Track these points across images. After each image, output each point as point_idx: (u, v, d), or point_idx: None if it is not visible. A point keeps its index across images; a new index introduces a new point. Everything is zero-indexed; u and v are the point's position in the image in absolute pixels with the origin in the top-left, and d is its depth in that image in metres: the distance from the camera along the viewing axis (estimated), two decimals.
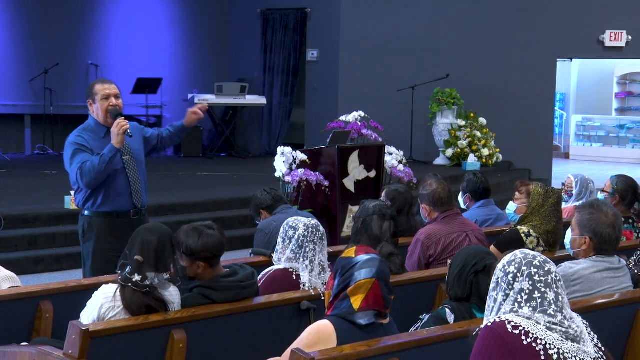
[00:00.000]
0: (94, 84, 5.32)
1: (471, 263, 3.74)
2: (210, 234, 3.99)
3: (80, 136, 5.25)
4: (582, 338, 2.82)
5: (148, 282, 3.73)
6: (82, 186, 5.21)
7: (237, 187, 10.79)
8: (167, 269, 3.79)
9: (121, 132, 5.11)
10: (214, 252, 3.98)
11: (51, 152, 13.70)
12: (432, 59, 13.67)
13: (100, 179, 5.16)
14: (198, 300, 3.93)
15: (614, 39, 13.69)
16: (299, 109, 14.93)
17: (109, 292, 3.78)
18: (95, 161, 5.10)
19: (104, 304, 3.75)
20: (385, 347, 3.34)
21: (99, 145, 5.21)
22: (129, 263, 3.76)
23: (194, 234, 3.98)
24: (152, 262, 3.75)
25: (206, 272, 4.02)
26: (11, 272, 4.60)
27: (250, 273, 4.08)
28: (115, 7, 14.66)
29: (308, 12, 14.52)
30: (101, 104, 5.23)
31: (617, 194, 6.03)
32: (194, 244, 3.94)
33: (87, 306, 3.82)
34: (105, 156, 5.10)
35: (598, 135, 19.73)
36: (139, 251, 3.75)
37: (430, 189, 5.24)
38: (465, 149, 13.12)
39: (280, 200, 6.08)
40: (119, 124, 5.12)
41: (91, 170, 5.10)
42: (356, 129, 8.81)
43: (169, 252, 3.81)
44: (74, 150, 5.19)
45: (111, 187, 5.25)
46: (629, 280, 4.23)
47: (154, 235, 3.79)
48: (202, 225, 4.05)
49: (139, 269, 3.73)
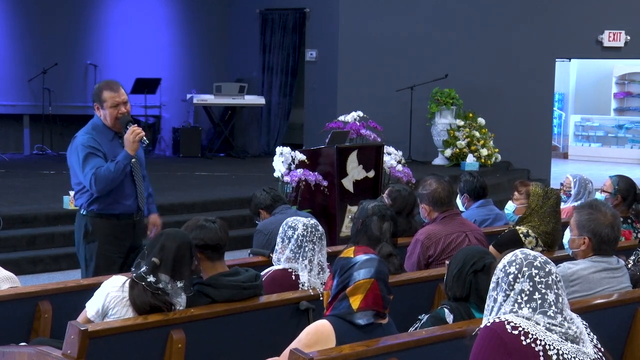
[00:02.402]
0: (102, 90, 5.21)
1: (470, 263, 3.74)
2: (209, 226, 4.02)
3: (92, 138, 5.16)
4: (581, 339, 2.82)
5: (161, 285, 3.75)
6: (94, 192, 5.14)
7: (235, 187, 10.79)
8: (182, 277, 3.79)
9: (137, 139, 5.09)
10: (209, 243, 3.99)
11: (50, 152, 13.69)
12: (431, 59, 13.67)
13: (114, 185, 5.13)
14: (197, 297, 3.93)
15: (613, 39, 13.70)
16: (298, 109, 14.93)
17: (117, 282, 3.81)
18: (110, 167, 5.06)
19: (110, 292, 3.78)
20: (384, 347, 3.34)
21: (109, 147, 5.17)
22: (145, 262, 3.77)
23: (192, 226, 4.02)
24: (168, 267, 3.76)
25: (206, 267, 4.03)
26: (10, 272, 4.60)
27: (253, 275, 4.08)
28: (114, 7, 14.65)
29: (307, 12, 14.52)
30: (110, 112, 5.17)
31: (619, 194, 6.03)
32: (192, 235, 3.96)
33: (94, 295, 3.84)
34: (120, 163, 5.07)
35: (597, 135, 19.73)
36: (157, 253, 3.76)
37: (430, 188, 5.23)
38: (464, 149, 13.12)
39: (279, 200, 6.08)
40: (134, 132, 5.10)
41: (107, 177, 5.05)
42: (355, 129, 8.81)
43: (187, 261, 3.81)
44: (87, 154, 5.10)
45: (119, 191, 5.21)
46: (627, 281, 4.23)
47: (176, 242, 3.80)
48: (204, 219, 4.08)
49: (154, 271, 3.74)
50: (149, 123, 14.42)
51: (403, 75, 13.50)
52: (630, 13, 13.69)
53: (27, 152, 13.92)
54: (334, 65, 14.02)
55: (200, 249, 3.98)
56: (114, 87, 5.23)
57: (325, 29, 14.21)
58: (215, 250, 4.03)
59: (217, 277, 4.00)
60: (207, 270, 4.04)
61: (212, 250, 4.02)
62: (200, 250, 3.99)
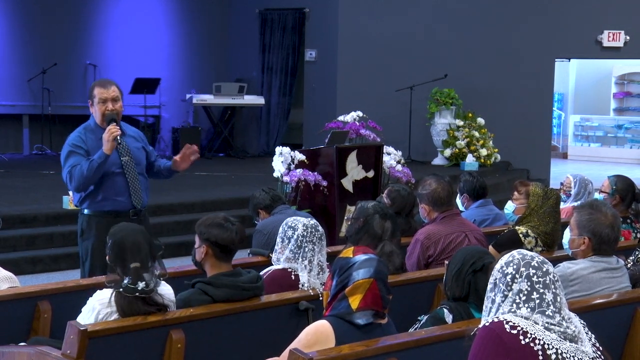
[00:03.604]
0: (94, 86, 5.32)
1: (469, 263, 3.74)
2: (227, 226, 4.04)
3: (80, 137, 5.27)
4: (580, 338, 2.82)
5: (152, 285, 3.73)
6: (70, 189, 5.29)
7: (235, 187, 10.79)
8: (153, 261, 3.78)
9: (110, 138, 5.12)
10: (220, 243, 4.00)
11: (49, 152, 13.69)
12: (430, 59, 13.67)
13: (90, 182, 5.19)
14: (197, 295, 3.94)
15: (612, 39, 13.70)
16: (297, 109, 14.93)
17: (104, 298, 3.76)
18: (84, 166, 5.13)
19: (99, 309, 3.73)
20: (383, 347, 3.34)
21: (96, 144, 5.22)
22: (123, 272, 3.72)
23: (211, 222, 4.06)
24: (145, 263, 3.75)
25: (212, 264, 4.04)
26: (9, 272, 4.60)
27: (254, 276, 4.08)
28: (114, 7, 14.65)
29: (306, 12, 14.52)
30: (98, 107, 5.24)
31: (617, 194, 6.03)
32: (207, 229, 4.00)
33: (82, 312, 3.79)
34: (94, 162, 5.13)
35: (596, 135, 19.73)
36: (130, 258, 3.72)
37: (429, 188, 5.22)
38: (464, 149, 13.12)
39: (278, 200, 6.08)
40: (109, 131, 5.14)
41: (80, 176, 5.14)
42: (354, 129, 8.81)
43: (145, 246, 3.80)
44: (69, 152, 5.23)
45: (109, 187, 5.26)
46: (627, 280, 4.24)
47: (129, 238, 3.78)
48: (224, 218, 4.10)
49: (139, 276, 3.72)
50: (149, 123, 14.42)
51: (402, 75, 13.50)
52: (629, 13, 13.69)
53: (26, 152, 13.91)
54: (334, 65, 14.03)
55: (211, 244, 4.00)
56: (105, 84, 5.33)
57: (324, 29, 14.21)
58: (224, 250, 4.04)
59: (218, 276, 4.01)
60: (212, 268, 4.06)
61: (221, 250, 4.03)
62: (210, 245, 4.00)
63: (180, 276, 4.49)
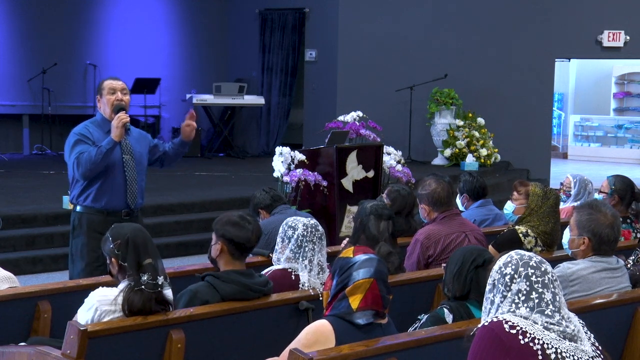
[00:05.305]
0: (103, 80, 5.40)
1: (470, 260, 3.75)
2: (244, 225, 4.05)
3: (86, 128, 5.30)
4: (579, 337, 2.82)
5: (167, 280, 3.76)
6: (77, 176, 5.23)
7: (235, 187, 10.79)
8: (160, 263, 3.79)
9: (120, 124, 5.14)
10: (236, 240, 4.01)
11: (49, 152, 13.69)
12: (431, 59, 13.67)
13: (97, 170, 5.17)
14: (205, 288, 3.96)
15: (612, 39, 13.70)
16: (297, 109, 14.94)
17: (107, 296, 3.72)
18: (92, 152, 5.13)
19: (99, 306, 3.69)
20: (383, 347, 3.34)
21: (103, 138, 5.23)
22: (142, 270, 3.68)
23: (227, 219, 4.07)
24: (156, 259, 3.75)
25: (225, 260, 4.05)
26: (9, 272, 4.59)
27: (264, 280, 4.10)
28: (114, 7, 14.65)
29: (306, 12, 14.52)
30: (107, 98, 5.28)
31: (615, 194, 6.03)
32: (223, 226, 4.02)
33: (83, 305, 3.76)
34: (102, 147, 5.14)
35: (596, 135, 19.74)
36: (144, 255, 3.71)
37: (429, 188, 5.22)
38: (464, 149, 13.12)
39: (279, 200, 6.08)
40: (119, 117, 5.16)
41: (88, 161, 5.13)
42: (354, 129, 8.81)
43: (150, 241, 3.80)
44: (75, 141, 5.23)
45: (106, 184, 5.26)
46: (627, 280, 4.24)
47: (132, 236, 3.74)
48: (240, 216, 4.10)
49: (156, 270, 3.71)
50: (149, 123, 14.43)
51: (403, 75, 13.51)
52: (629, 13, 13.69)
53: (26, 152, 13.92)
54: (334, 65, 14.03)
55: (226, 241, 4.01)
56: (115, 78, 5.42)
57: (324, 29, 14.22)
58: (239, 248, 4.05)
59: (229, 272, 4.03)
60: (225, 265, 4.07)
61: (236, 248, 4.04)
62: (225, 243, 4.01)
63: (180, 276, 4.50)
